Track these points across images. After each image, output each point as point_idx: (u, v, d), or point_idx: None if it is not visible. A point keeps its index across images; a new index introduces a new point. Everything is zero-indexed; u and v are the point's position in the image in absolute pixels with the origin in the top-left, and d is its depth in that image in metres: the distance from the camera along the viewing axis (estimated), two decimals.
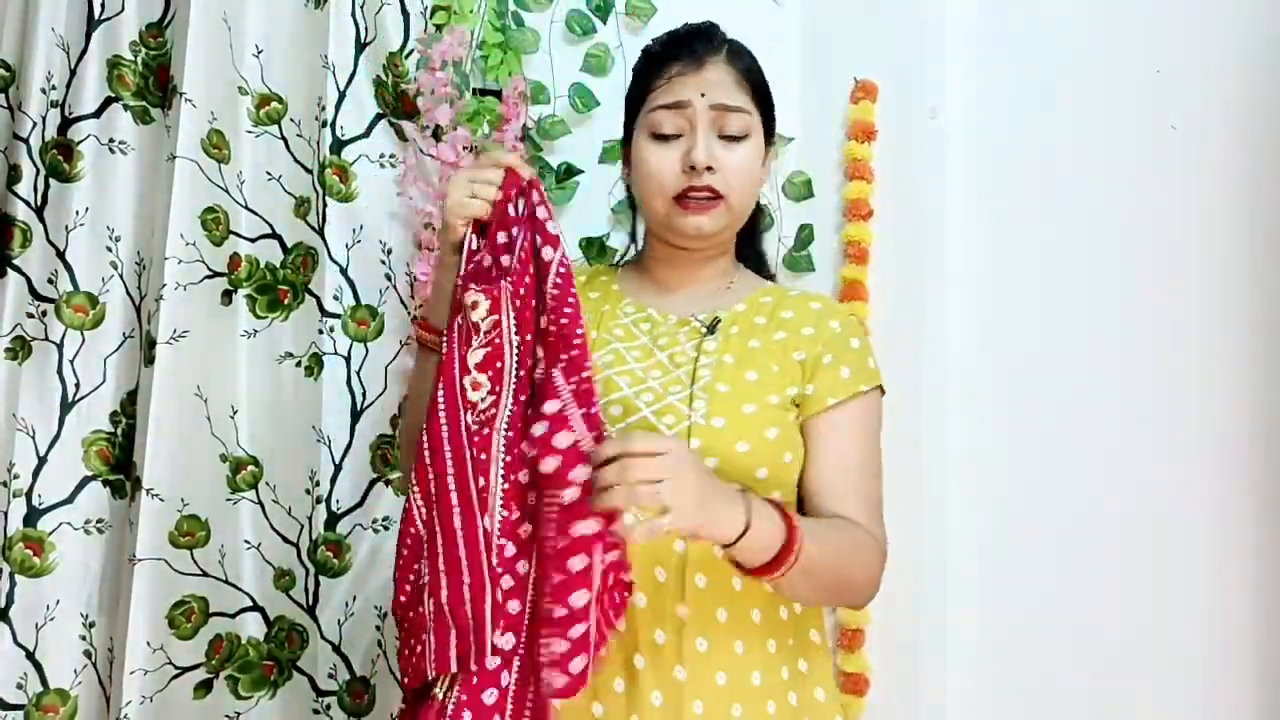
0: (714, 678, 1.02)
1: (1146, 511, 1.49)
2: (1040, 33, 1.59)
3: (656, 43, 1.18)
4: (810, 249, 1.67)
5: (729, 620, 1.04)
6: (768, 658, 1.05)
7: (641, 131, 1.13)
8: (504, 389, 1.00)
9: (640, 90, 1.15)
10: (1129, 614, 1.49)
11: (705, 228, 1.11)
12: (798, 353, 1.12)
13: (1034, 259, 1.58)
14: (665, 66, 1.12)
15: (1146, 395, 1.50)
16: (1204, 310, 1.48)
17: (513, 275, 1.02)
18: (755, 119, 1.13)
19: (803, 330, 1.13)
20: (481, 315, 1.01)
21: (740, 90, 1.12)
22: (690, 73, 1.11)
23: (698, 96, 1.10)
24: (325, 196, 1.58)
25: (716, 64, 1.12)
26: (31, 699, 1.48)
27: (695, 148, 1.08)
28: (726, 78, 1.12)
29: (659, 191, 1.11)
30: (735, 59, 1.14)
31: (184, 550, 1.52)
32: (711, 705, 1.01)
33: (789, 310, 1.16)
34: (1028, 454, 1.54)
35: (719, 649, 1.03)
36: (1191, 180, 1.49)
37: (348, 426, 1.58)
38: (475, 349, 1.00)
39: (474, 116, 1.57)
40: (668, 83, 1.11)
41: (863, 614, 1.58)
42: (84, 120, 1.55)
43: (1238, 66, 1.48)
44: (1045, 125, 1.58)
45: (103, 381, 1.54)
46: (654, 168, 1.11)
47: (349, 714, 1.56)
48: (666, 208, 1.11)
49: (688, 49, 1.12)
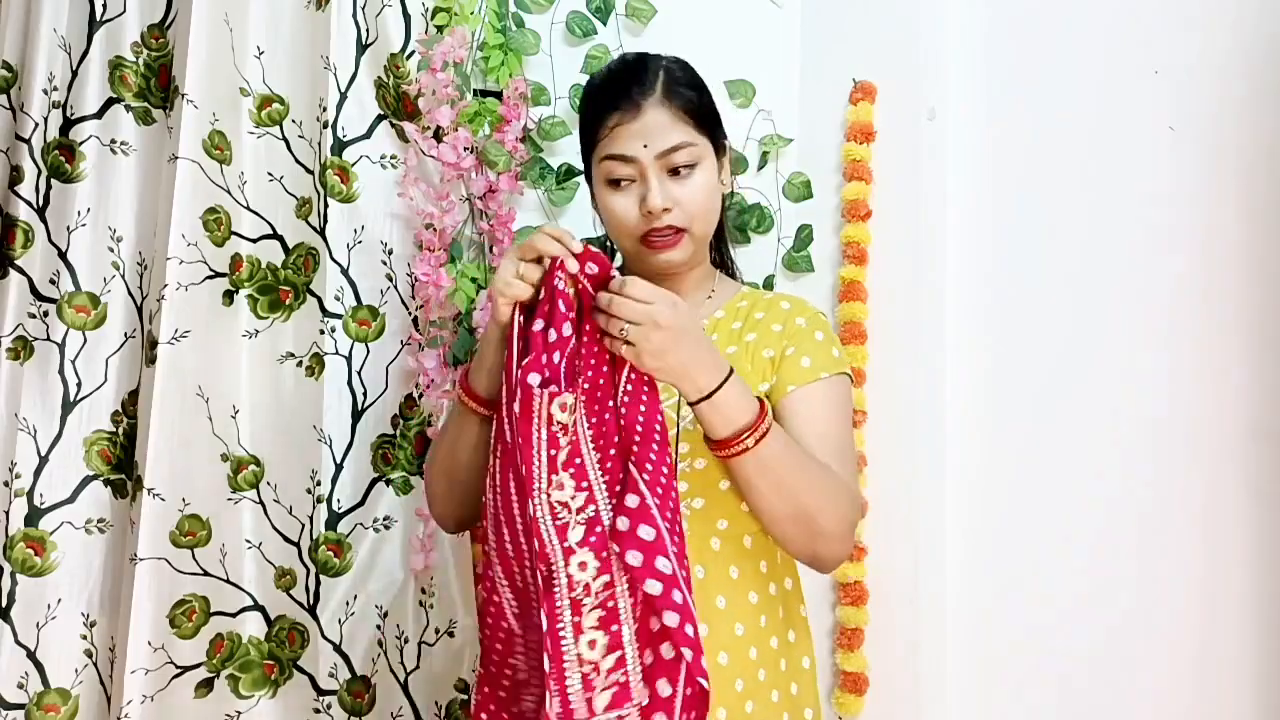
0: (715, 661, 1.09)
1: (1146, 511, 1.49)
2: (1039, 33, 1.59)
3: (594, 84, 1.22)
4: (809, 250, 1.67)
5: (728, 606, 1.12)
6: (761, 632, 1.14)
7: (599, 179, 1.18)
8: (593, 484, 1.00)
9: (589, 138, 1.20)
10: (1129, 613, 1.49)
11: (675, 259, 1.18)
12: (766, 350, 1.18)
13: (1032, 259, 1.58)
14: (606, 115, 1.16)
15: (1146, 395, 1.50)
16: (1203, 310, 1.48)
17: (583, 373, 1.01)
18: (703, 145, 1.17)
19: (772, 328, 1.20)
20: (568, 417, 1.00)
21: (682, 125, 1.15)
22: (629, 120, 1.14)
23: (640, 149, 1.14)
24: (326, 197, 1.58)
25: (653, 105, 1.14)
26: (32, 698, 1.48)
27: (649, 194, 1.13)
28: (664, 117, 1.14)
29: (625, 234, 1.18)
30: (670, 94, 1.15)
31: (185, 550, 1.52)
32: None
33: (761, 311, 1.22)
34: (1026, 454, 1.54)
35: (717, 635, 1.11)
36: (1191, 180, 1.49)
37: (349, 426, 1.59)
38: (561, 449, 0.99)
39: (475, 118, 1.57)
40: (610, 134, 1.15)
41: (863, 614, 1.58)
42: (86, 121, 1.56)
43: (1238, 66, 1.48)
44: (1044, 126, 1.58)
45: (104, 381, 1.55)
46: (615, 215, 1.17)
47: (349, 713, 1.56)
48: (634, 247, 1.18)
49: (625, 95, 1.15)
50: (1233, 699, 1.44)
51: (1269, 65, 1.47)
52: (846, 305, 1.62)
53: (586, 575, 0.96)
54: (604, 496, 0.99)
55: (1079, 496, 1.52)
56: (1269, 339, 1.44)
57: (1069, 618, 1.52)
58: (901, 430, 1.59)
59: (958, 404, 1.58)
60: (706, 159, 1.17)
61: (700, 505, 1.13)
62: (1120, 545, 1.50)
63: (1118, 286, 1.53)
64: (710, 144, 1.18)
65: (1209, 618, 1.45)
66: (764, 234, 1.67)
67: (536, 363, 1.00)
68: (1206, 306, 1.48)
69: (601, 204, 1.19)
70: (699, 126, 1.17)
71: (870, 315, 1.62)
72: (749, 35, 1.67)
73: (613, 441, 1.01)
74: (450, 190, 1.57)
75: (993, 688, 1.55)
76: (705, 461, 1.12)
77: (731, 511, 1.14)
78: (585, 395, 1.00)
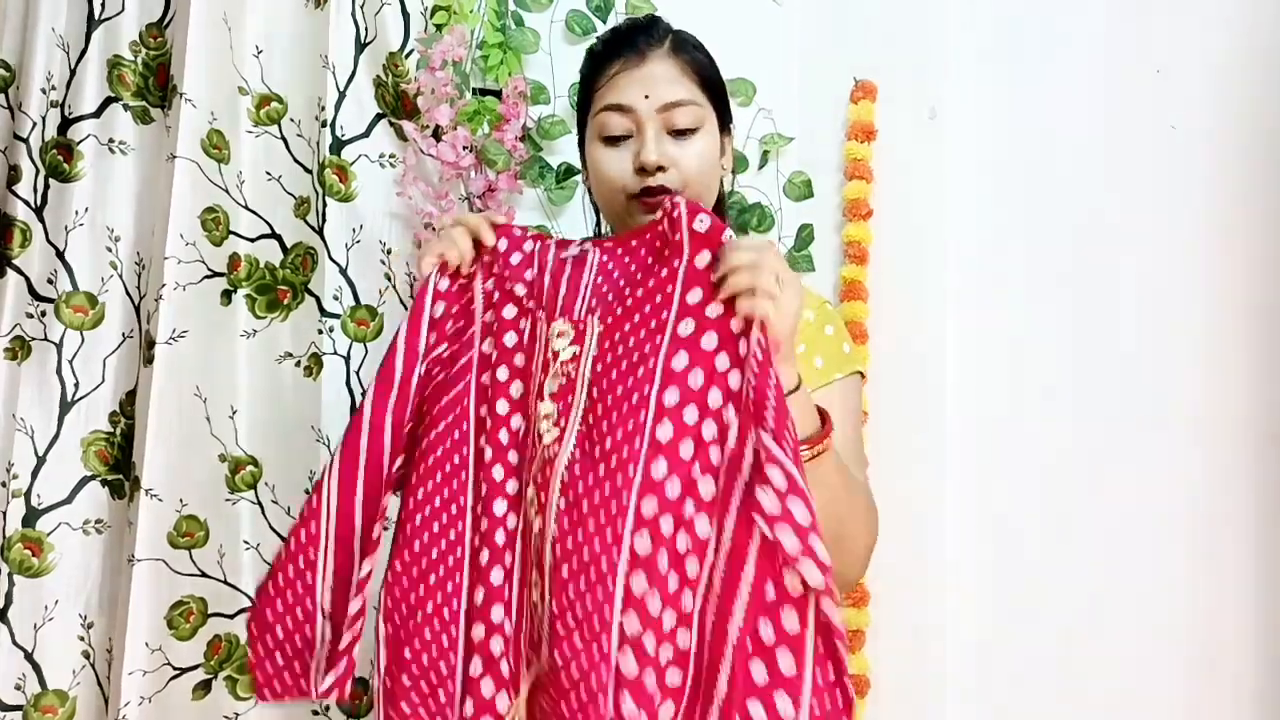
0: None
1: (1146, 509, 1.49)
2: (1039, 33, 1.59)
3: (600, 41, 1.15)
4: (810, 249, 1.67)
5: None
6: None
7: (592, 134, 1.11)
8: (569, 427, 0.94)
9: (587, 91, 1.13)
10: (1129, 613, 1.49)
11: None
12: None
13: (1033, 258, 1.58)
14: (608, 64, 1.09)
15: (1145, 394, 1.49)
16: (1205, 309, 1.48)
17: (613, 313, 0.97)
18: (706, 110, 1.10)
19: None
20: (564, 345, 0.97)
21: (686, 80, 1.09)
22: (632, 67, 1.08)
23: (641, 99, 1.07)
24: (325, 196, 1.58)
25: (659, 57, 1.08)
26: (30, 699, 1.48)
27: (644, 148, 1.06)
28: (670, 70, 1.08)
29: (615, 191, 1.10)
30: (679, 50, 1.10)
31: (183, 551, 1.52)
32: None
33: None
34: (1026, 453, 1.54)
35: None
36: (1191, 180, 1.49)
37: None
38: (551, 378, 0.96)
39: (474, 116, 1.57)
40: (610, 81, 1.09)
41: (863, 614, 1.58)
42: (84, 120, 1.55)
43: (1238, 66, 1.48)
44: (1044, 125, 1.58)
45: (102, 381, 1.54)
46: (608, 171, 1.09)
47: (348, 715, 1.56)
48: (623, 208, 1.10)
49: (629, 43, 1.09)
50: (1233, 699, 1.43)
51: (1269, 65, 1.47)
52: (847, 305, 1.62)
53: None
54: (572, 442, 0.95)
55: (1079, 496, 1.52)
56: (1271, 338, 1.44)
57: (1069, 618, 1.51)
58: (902, 430, 1.58)
59: (958, 404, 1.58)
60: (709, 125, 1.10)
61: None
62: (1121, 545, 1.50)
63: (1118, 286, 1.53)
64: (714, 114, 1.11)
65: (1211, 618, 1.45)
66: (765, 233, 1.67)
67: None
68: (1207, 305, 1.48)
69: (592, 162, 1.11)
70: (704, 90, 1.10)
71: (871, 315, 1.61)
72: (749, 34, 1.67)
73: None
74: (449, 189, 1.57)
75: (993, 688, 1.54)
76: None
77: None
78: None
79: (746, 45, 1.65)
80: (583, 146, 1.16)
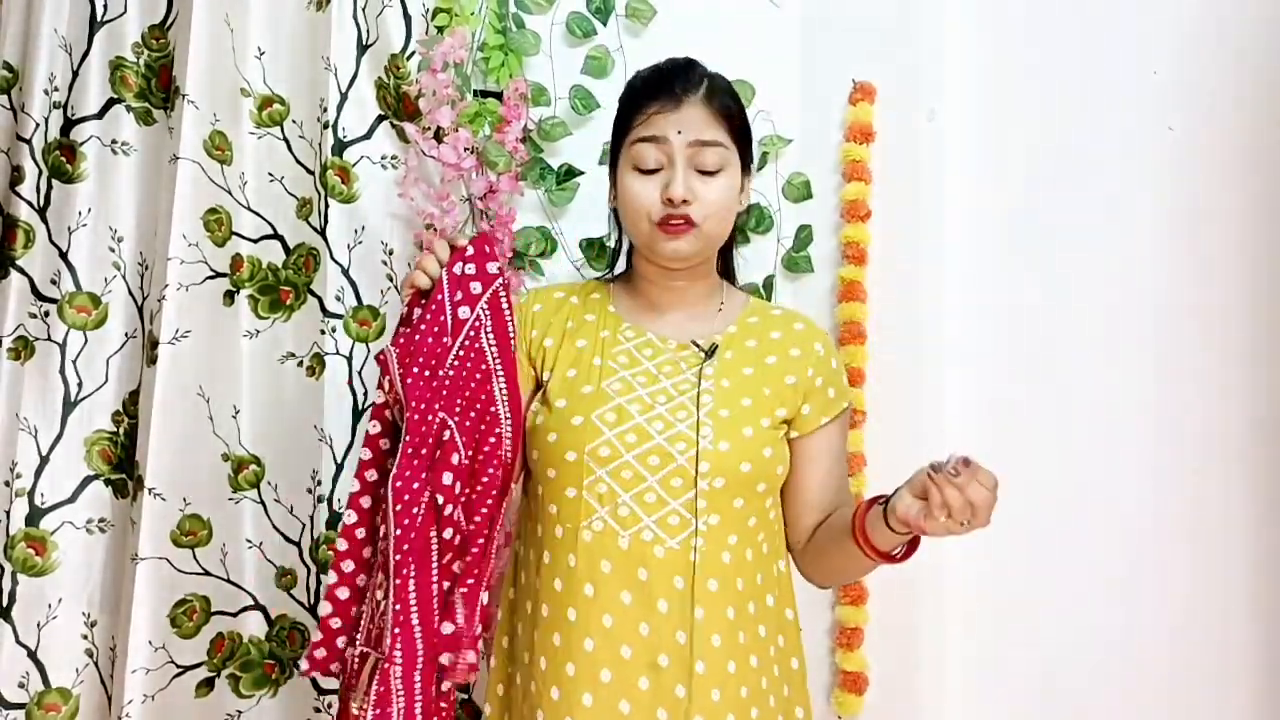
0: (725, 668, 1.14)
1: (1146, 511, 1.50)
2: (1038, 34, 1.60)
3: (639, 77, 1.26)
4: (809, 250, 1.67)
5: (735, 616, 1.16)
6: (760, 641, 1.18)
7: (625, 163, 1.22)
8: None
9: (623, 123, 1.23)
10: (1129, 613, 1.49)
11: (682, 251, 1.20)
12: (789, 376, 1.23)
13: (1032, 259, 1.58)
14: (646, 103, 1.20)
15: (1145, 394, 1.50)
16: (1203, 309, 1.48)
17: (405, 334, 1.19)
18: (731, 152, 1.21)
19: (790, 352, 1.25)
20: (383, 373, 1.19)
21: (716, 126, 1.19)
22: (669, 110, 1.19)
23: (675, 134, 1.18)
24: (327, 197, 1.58)
25: (694, 103, 1.19)
26: (33, 698, 1.48)
27: (673, 181, 1.17)
28: (703, 115, 1.19)
29: (641, 217, 1.20)
30: (712, 97, 1.20)
31: (186, 549, 1.52)
32: (724, 692, 1.13)
33: (776, 331, 1.27)
34: (1026, 454, 1.54)
35: (727, 643, 1.15)
36: (1190, 180, 1.50)
37: (349, 426, 1.59)
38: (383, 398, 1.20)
39: (475, 118, 1.57)
40: (647, 119, 1.19)
41: (862, 614, 1.58)
42: (86, 121, 1.56)
43: (1237, 66, 1.49)
44: (1043, 126, 1.59)
45: (105, 381, 1.55)
46: (637, 198, 1.20)
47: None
48: (649, 232, 1.20)
49: (667, 88, 1.20)
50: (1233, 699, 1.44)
51: (1269, 65, 1.47)
52: (846, 305, 1.62)
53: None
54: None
55: (1079, 496, 1.53)
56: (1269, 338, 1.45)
57: (1069, 617, 1.52)
58: (901, 431, 1.59)
59: (957, 404, 1.59)
60: (732, 167, 1.21)
61: (716, 521, 1.16)
62: (1121, 544, 1.51)
63: (1117, 286, 1.53)
64: (739, 157, 1.22)
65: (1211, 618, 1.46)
66: (764, 234, 1.67)
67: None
68: (1206, 306, 1.48)
69: (622, 187, 1.22)
70: (732, 135, 1.21)
71: (870, 315, 1.62)
72: (749, 35, 1.67)
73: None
74: (450, 190, 1.57)
75: (992, 688, 1.55)
76: (724, 480, 1.15)
77: (740, 528, 1.18)
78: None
79: (746, 46, 1.66)
80: (614, 170, 1.25)
